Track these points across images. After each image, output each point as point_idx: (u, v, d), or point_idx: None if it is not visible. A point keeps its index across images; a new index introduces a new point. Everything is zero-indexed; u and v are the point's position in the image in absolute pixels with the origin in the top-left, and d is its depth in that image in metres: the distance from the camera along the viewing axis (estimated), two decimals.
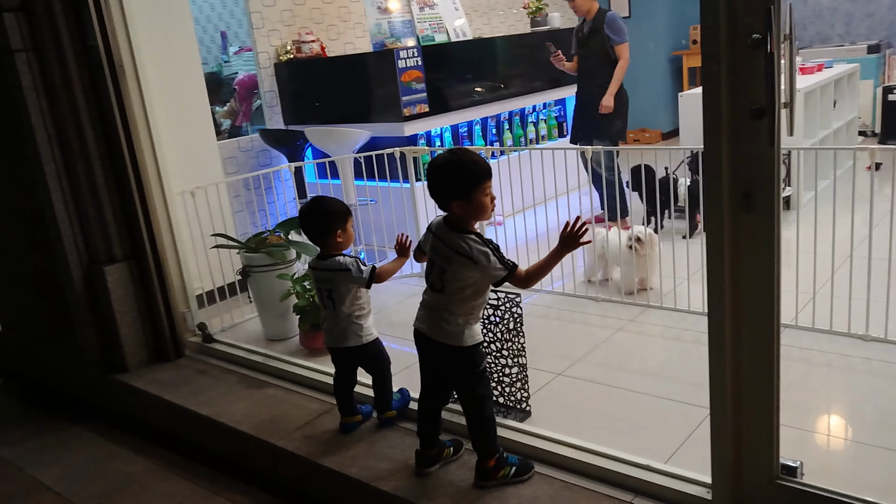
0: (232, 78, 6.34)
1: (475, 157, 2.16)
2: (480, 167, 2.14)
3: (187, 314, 3.64)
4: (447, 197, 2.15)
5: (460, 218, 2.16)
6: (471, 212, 2.14)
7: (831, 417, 2.53)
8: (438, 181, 2.16)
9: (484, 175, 2.13)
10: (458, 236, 2.15)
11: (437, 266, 2.21)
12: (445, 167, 2.16)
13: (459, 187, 2.12)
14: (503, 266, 2.13)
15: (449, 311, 2.20)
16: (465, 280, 2.16)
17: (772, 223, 1.76)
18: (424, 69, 4.86)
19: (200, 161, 4.22)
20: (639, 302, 3.63)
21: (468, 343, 2.21)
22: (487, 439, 2.26)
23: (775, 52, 1.64)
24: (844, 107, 5.75)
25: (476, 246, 2.12)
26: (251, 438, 2.78)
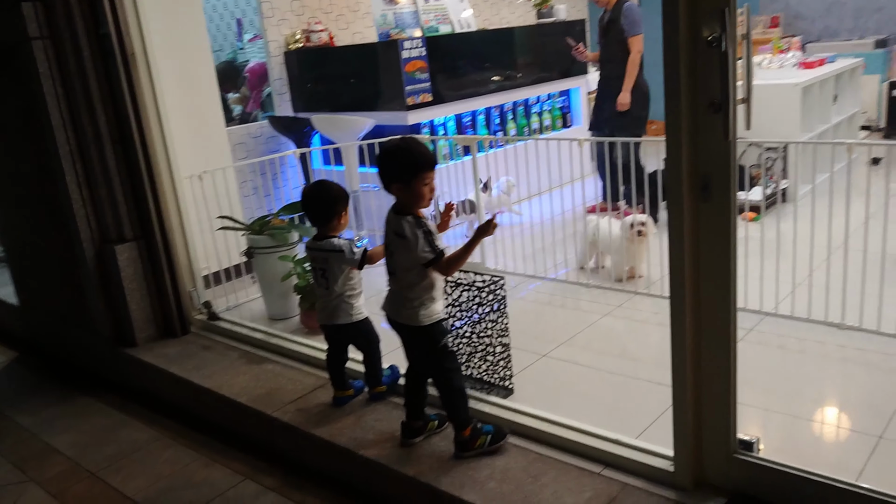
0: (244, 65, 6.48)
1: (423, 148, 2.31)
2: (425, 157, 2.28)
3: (193, 293, 3.80)
4: (389, 179, 2.30)
5: (401, 200, 2.31)
6: (409, 197, 2.28)
7: (798, 399, 2.64)
8: (384, 163, 2.31)
9: (426, 165, 2.28)
10: (398, 218, 2.30)
11: (389, 250, 2.37)
12: (393, 151, 2.31)
13: (401, 172, 2.26)
14: (430, 250, 2.26)
15: (405, 293, 2.34)
16: (406, 262, 2.30)
17: (728, 212, 1.88)
18: (428, 59, 4.97)
19: (209, 146, 4.36)
20: (627, 289, 3.75)
21: (425, 322, 2.33)
22: (460, 411, 2.40)
23: (730, 50, 1.75)
24: (846, 101, 5.79)
25: (410, 227, 2.26)
26: (249, 410, 2.94)
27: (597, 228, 3.94)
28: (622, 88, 4.85)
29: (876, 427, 2.37)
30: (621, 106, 4.88)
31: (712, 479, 2.11)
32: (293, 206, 3.87)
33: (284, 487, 2.65)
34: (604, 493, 2.15)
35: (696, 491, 2.10)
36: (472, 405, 2.63)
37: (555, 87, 6.19)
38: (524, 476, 2.26)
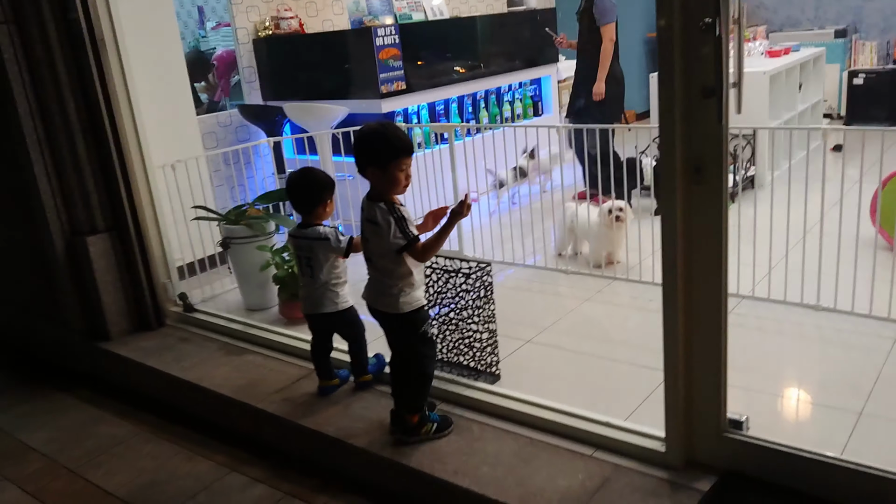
0: (209, 53, 6.36)
1: (400, 134, 2.29)
2: (402, 142, 2.27)
3: (168, 284, 3.73)
4: (364, 162, 2.27)
5: (375, 185, 2.29)
6: (384, 182, 2.26)
7: (780, 379, 2.70)
8: (361, 146, 2.29)
9: (404, 150, 2.26)
10: (371, 204, 2.28)
11: (364, 237, 2.35)
12: (370, 135, 2.29)
13: (377, 156, 2.25)
14: (403, 236, 2.24)
15: (383, 281, 2.33)
16: (380, 249, 2.29)
17: (720, 194, 1.90)
18: (402, 47, 4.94)
19: (180, 135, 4.28)
20: (606, 274, 3.78)
21: (405, 310, 2.33)
22: (419, 396, 2.42)
23: (724, 35, 1.77)
24: (810, 90, 5.92)
25: (381, 214, 2.25)
26: (232, 401, 2.90)
27: (574, 215, 3.97)
28: (596, 78, 4.89)
29: (856, 404, 2.43)
30: (596, 95, 4.92)
31: (703, 459, 2.15)
32: (270, 195, 3.83)
33: (272, 478, 2.62)
34: (597, 474, 2.17)
35: (688, 470, 2.14)
36: (460, 392, 2.65)
37: (526, 75, 6.20)
38: (516, 460, 2.27)
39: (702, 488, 2.07)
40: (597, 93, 4.91)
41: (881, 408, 2.41)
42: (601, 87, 4.89)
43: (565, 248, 4.04)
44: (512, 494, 2.12)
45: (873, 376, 2.59)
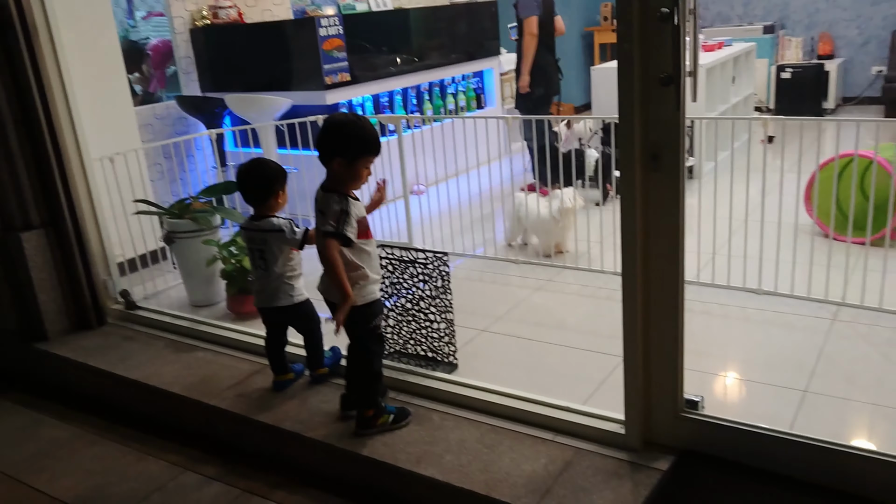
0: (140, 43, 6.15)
1: (374, 130, 2.28)
2: (374, 138, 2.26)
3: (109, 282, 3.60)
4: (332, 152, 2.22)
5: (335, 176, 2.25)
6: (346, 175, 2.23)
7: (729, 360, 2.80)
8: (332, 135, 2.23)
9: (374, 147, 2.25)
10: (326, 195, 2.24)
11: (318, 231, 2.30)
12: (346, 123, 2.25)
13: (348, 146, 2.21)
14: (333, 225, 2.18)
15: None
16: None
17: (677, 181, 1.95)
18: (346, 38, 4.88)
19: (118, 127, 4.13)
20: (556, 263, 3.84)
21: (359, 302, 2.30)
22: (371, 391, 2.41)
23: (681, 25, 1.81)
24: (742, 83, 6.14)
25: (333, 203, 2.21)
26: (183, 399, 2.82)
27: (524, 206, 4.00)
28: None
29: (800, 382, 2.54)
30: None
31: (661, 439, 2.21)
32: (215, 188, 3.73)
33: (227, 475, 2.56)
34: (559, 458, 2.20)
35: (647, 451, 2.19)
36: (418, 382, 2.65)
37: (469, 67, 6.22)
38: (480, 447, 2.28)
39: (661, 467, 2.13)
40: (521, 85, 5.04)
41: (824, 384, 2.52)
42: (524, 80, 5.03)
43: (515, 239, 4.07)
44: (476, 481, 2.13)
45: (815, 355, 2.71)
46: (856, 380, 2.56)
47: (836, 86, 7.18)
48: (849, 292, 3.08)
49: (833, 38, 7.50)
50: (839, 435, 2.25)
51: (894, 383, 2.52)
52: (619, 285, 3.21)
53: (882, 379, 2.56)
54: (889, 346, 2.75)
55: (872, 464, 1.94)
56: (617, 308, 2.14)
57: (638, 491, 2.03)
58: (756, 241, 3.22)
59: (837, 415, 2.38)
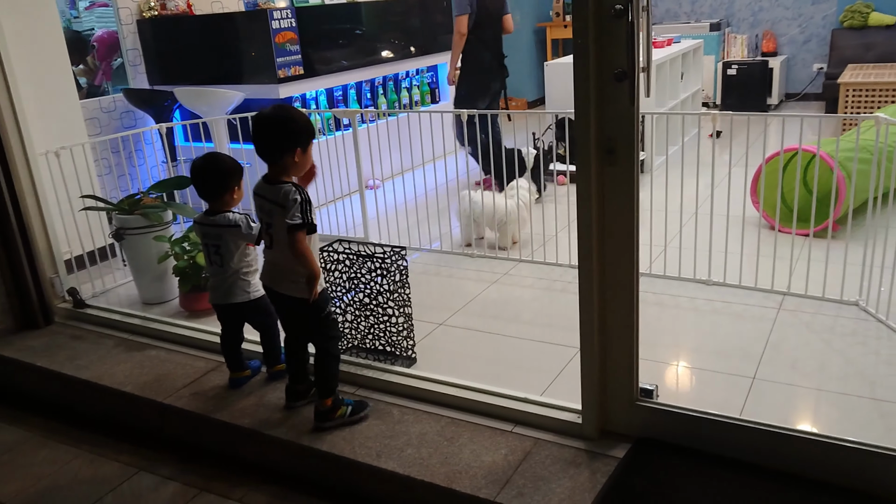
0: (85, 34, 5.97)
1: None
2: (312, 125, 2.32)
3: (56, 279, 3.51)
4: (292, 144, 2.23)
5: (287, 168, 2.26)
6: (303, 163, 2.28)
7: (680, 349, 2.87)
8: (288, 129, 2.23)
9: (313, 132, 2.32)
10: (276, 187, 2.25)
11: (265, 223, 2.32)
12: (295, 116, 2.26)
13: (302, 137, 2.25)
14: (300, 217, 2.20)
15: (287, 264, 2.29)
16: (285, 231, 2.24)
17: (632, 174, 1.99)
18: (299, 31, 4.83)
19: (63, 120, 4.02)
20: (512, 257, 3.87)
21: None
22: (330, 378, 2.42)
23: (635, 21, 1.85)
24: (690, 79, 6.27)
25: (290, 193, 2.22)
26: (136, 399, 2.77)
27: (477, 205, 4.01)
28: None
29: (749, 369, 2.62)
30: (449, 81, 5.14)
31: (617, 428, 2.26)
32: (166, 182, 3.66)
33: (184, 475, 2.53)
34: (518, 448, 2.23)
35: (603, 439, 2.24)
36: (377, 376, 2.65)
37: (423, 62, 6.21)
38: (440, 440, 2.30)
39: (617, 455, 2.17)
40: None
41: (771, 371, 2.61)
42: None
43: (471, 239, 4.08)
44: (438, 473, 2.15)
45: (762, 343, 2.80)
46: (800, 366, 2.66)
47: (779, 82, 7.40)
48: (793, 282, 3.19)
49: (776, 35, 7.72)
50: (786, 419, 2.35)
51: (836, 369, 2.62)
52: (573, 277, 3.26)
53: (824, 365, 2.66)
54: (831, 334, 2.86)
55: (816, 446, 2.02)
56: (572, 300, 2.18)
57: (595, 478, 2.08)
58: (705, 234, 3.31)
59: (784, 400, 2.47)
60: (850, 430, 2.23)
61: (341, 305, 2.83)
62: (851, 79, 5.73)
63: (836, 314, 3.00)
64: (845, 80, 5.73)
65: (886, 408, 2.36)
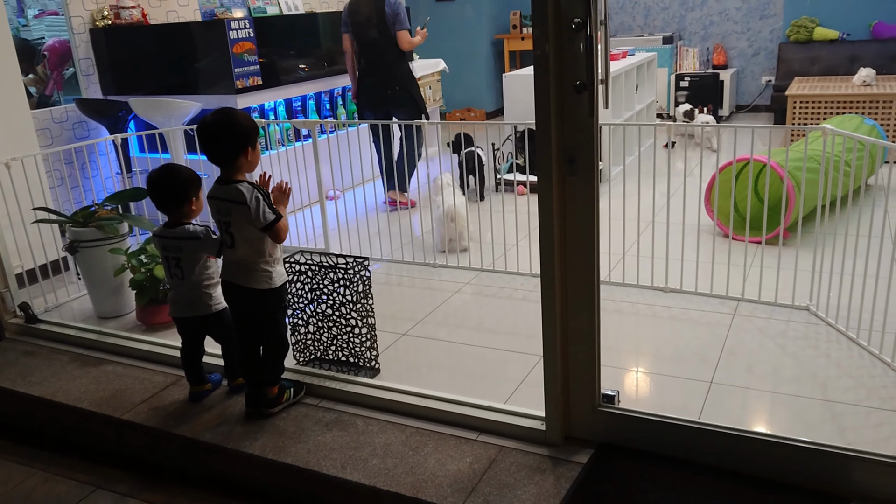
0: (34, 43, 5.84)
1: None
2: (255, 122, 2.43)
3: (6, 294, 3.42)
4: (243, 145, 2.34)
5: (240, 168, 2.36)
6: (254, 159, 2.39)
7: (640, 355, 2.92)
8: (237, 131, 2.34)
9: (258, 129, 2.44)
10: (233, 186, 2.33)
11: (223, 223, 2.38)
12: (241, 118, 2.37)
13: (248, 137, 2.35)
14: (272, 212, 2.33)
15: (251, 259, 2.39)
16: (246, 229, 2.34)
17: (591, 184, 2.03)
18: (257, 41, 4.80)
19: (13, 131, 3.92)
20: (473, 267, 3.89)
21: (277, 284, 2.45)
22: (279, 367, 2.56)
23: (594, 34, 1.89)
24: (645, 91, 6.41)
25: (249, 192, 2.32)
26: (93, 415, 2.70)
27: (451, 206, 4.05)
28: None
29: (706, 373, 2.69)
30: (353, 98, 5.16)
31: (580, 433, 2.29)
32: (121, 194, 3.59)
33: (144, 492, 2.48)
34: (483, 456, 2.25)
35: (567, 445, 2.27)
36: (340, 387, 2.64)
37: None
38: (405, 449, 2.30)
39: (580, 460, 2.20)
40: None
41: (728, 375, 2.67)
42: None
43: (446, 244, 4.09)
44: (404, 483, 2.15)
45: (718, 348, 2.87)
46: (755, 370, 2.73)
47: (730, 94, 7.61)
48: (747, 289, 3.28)
49: (726, 48, 7.94)
50: (743, 422, 2.41)
51: (789, 372, 2.70)
52: (534, 286, 3.30)
53: (778, 368, 2.74)
54: (784, 338, 2.94)
55: (773, 447, 2.08)
56: (533, 308, 2.21)
57: (560, 484, 2.10)
58: (662, 242, 3.38)
59: (740, 403, 2.53)
60: (804, 430, 2.30)
61: (303, 317, 2.82)
62: (798, 91, 5.92)
63: (788, 319, 3.09)
64: (793, 91, 5.92)
65: (838, 408, 2.44)
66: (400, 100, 4.90)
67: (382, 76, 4.87)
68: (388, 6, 4.74)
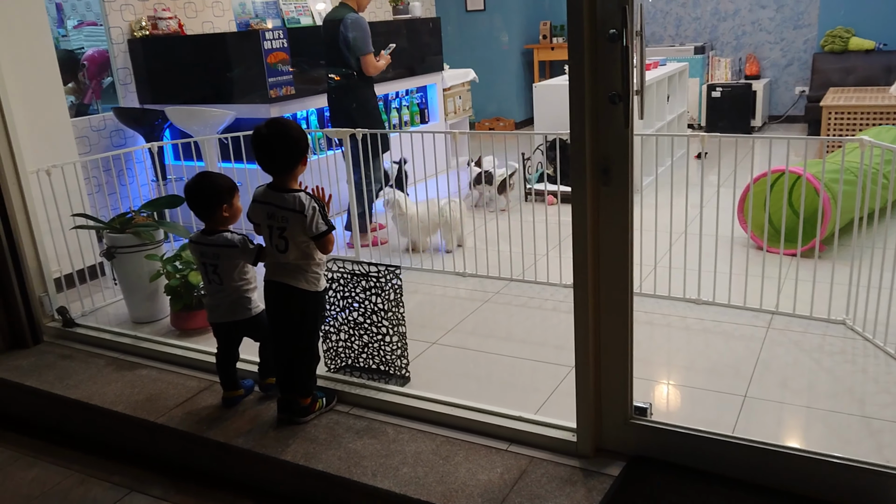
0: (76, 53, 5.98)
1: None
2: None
3: (45, 298, 3.49)
4: (298, 157, 2.43)
5: (295, 177, 2.45)
6: (299, 173, 2.46)
7: (672, 368, 2.90)
8: (296, 140, 2.42)
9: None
10: (289, 196, 2.41)
11: (277, 228, 2.42)
12: (296, 131, 2.44)
13: (305, 148, 2.45)
14: (325, 223, 2.41)
15: (301, 264, 2.45)
16: (300, 235, 2.41)
17: (626, 194, 2.03)
18: (291, 51, 4.87)
19: (54, 139, 4.01)
20: (503, 276, 3.89)
21: (321, 288, 2.53)
22: (313, 376, 2.61)
23: (630, 45, 1.89)
24: (676, 101, 6.37)
25: (307, 202, 2.39)
26: (128, 418, 2.75)
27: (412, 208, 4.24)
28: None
29: (740, 387, 2.65)
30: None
31: (611, 446, 2.27)
32: (158, 201, 3.65)
33: (177, 495, 2.51)
34: (514, 467, 2.24)
35: (598, 457, 2.26)
36: (372, 395, 2.66)
37: (412, 83, 6.26)
38: (436, 458, 2.30)
39: (612, 473, 2.19)
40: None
41: (762, 389, 2.64)
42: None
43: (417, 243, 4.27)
44: (434, 492, 2.15)
45: (752, 361, 2.83)
46: (790, 384, 2.69)
47: (762, 104, 7.52)
48: (782, 301, 3.23)
49: (759, 59, 7.86)
50: (777, 437, 2.37)
51: (825, 387, 2.66)
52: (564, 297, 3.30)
53: (813, 383, 2.69)
54: (819, 352, 2.90)
55: (808, 463, 2.05)
56: (563, 319, 2.21)
57: (591, 496, 2.09)
58: (694, 253, 3.35)
59: (775, 418, 2.49)
60: (840, 447, 2.26)
61: (335, 324, 2.84)
62: (833, 102, 5.84)
63: (823, 333, 3.04)
64: (828, 102, 5.84)
65: (876, 425, 2.40)
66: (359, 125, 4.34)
67: (340, 100, 4.56)
68: (343, 27, 4.38)
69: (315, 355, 2.61)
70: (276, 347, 2.57)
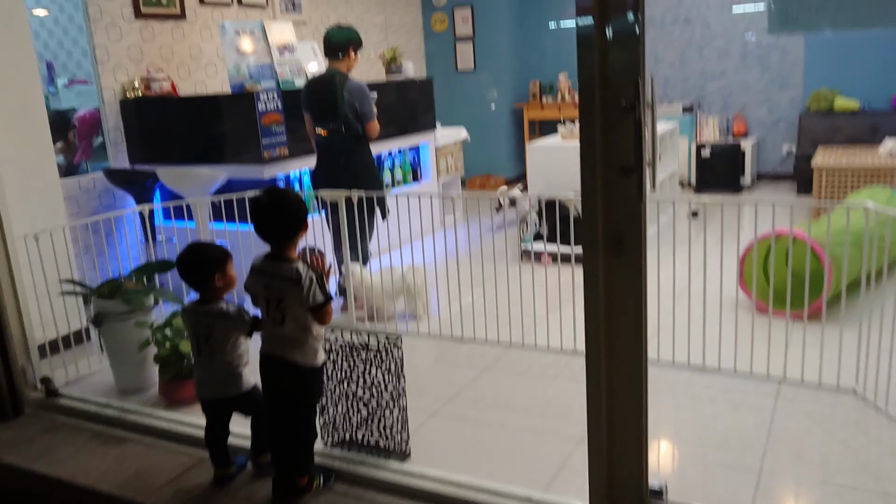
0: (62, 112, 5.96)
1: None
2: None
3: (28, 367, 3.35)
4: (299, 226, 2.37)
5: (293, 245, 2.38)
6: (297, 243, 2.40)
7: (682, 440, 2.80)
8: (295, 210, 2.37)
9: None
10: (289, 265, 2.33)
11: (274, 299, 2.35)
12: (296, 198, 2.40)
13: (304, 217, 2.39)
14: (322, 294, 2.32)
15: (299, 337, 2.36)
16: (297, 307, 2.33)
17: (640, 266, 1.97)
18: (284, 112, 4.85)
19: (43, 202, 3.94)
20: (502, 341, 3.80)
21: (320, 362, 2.45)
22: (309, 456, 2.49)
23: (643, 117, 1.86)
24: (667, 160, 6.40)
25: (307, 272, 2.32)
26: (115, 499, 2.60)
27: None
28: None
29: (753, 461, 2.56)
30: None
31: None
32: (149, 266, 3.56)
33: None
34: None
35: None
36: (371, 473, 2.54)
37: (405, 142, 6.27)
38: None
39: None
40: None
41: (777, 463, 2.55)
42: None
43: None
44: None
45: (764, 433, 2.74)
46: (804, 457, 2.60)
47: (751, 163, 7.59)
48: (789, 367, 3.16)
49: (746, 118, 7.97)
50: None
51: (841, 460, 2.57)
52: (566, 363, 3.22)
53: (828, 456, 2.61)
54: (831, 423, 2.82)
55: None
56: (567, 387, 2.13)
57: None
58: (697, 317, 3.28)
59: (793, 494, 2.40)
60: None
61: (332, 398, 2.73)
62: (824, 161, 5.88)
63: (833, 402, 2.96)
64: (818, 163, 5.88)
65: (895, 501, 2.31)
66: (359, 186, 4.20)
67: (337, 165, 4.49)
68: (348, 93, 4.38)
69: (312, 431, 2.50)
70: (272, 424, 2.46)
